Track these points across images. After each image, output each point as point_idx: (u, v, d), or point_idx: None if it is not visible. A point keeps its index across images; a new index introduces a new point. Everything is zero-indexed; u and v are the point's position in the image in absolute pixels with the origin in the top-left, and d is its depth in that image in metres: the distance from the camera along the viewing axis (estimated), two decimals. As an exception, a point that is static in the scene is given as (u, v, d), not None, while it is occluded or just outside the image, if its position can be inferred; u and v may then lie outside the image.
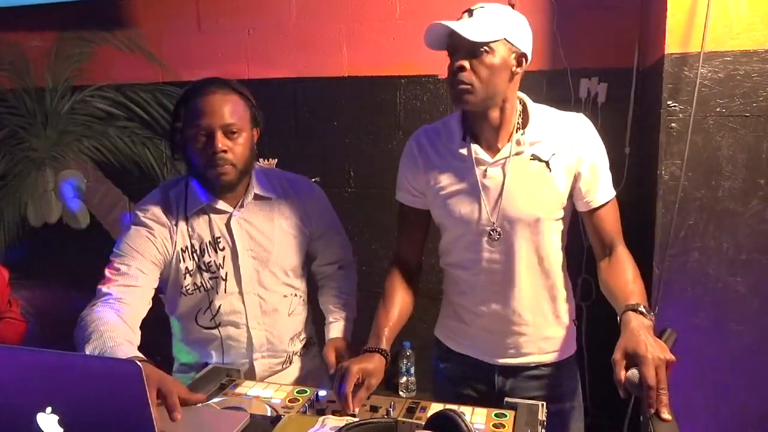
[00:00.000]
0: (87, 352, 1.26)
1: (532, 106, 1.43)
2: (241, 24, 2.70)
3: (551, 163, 1.38)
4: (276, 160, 2.74)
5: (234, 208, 1.54)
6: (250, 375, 1.59)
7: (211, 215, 1.54)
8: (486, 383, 1.52)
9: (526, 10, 2.39)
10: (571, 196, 1.42)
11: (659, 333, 1.23)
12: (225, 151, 1.44)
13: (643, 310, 1.25)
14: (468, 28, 1.30)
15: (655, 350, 1.14)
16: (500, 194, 1.39)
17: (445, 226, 1.49)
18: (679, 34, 1.89)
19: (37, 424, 0.92)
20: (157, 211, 1.53)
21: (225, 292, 1.55)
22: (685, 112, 1.90)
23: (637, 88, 2.31)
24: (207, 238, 1.54)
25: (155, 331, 1.61)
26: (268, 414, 1.21)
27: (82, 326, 1.34)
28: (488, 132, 1.40)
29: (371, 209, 2.70)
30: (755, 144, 1.88)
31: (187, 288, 1.54)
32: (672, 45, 1.90)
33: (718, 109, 1.89)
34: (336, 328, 1.58)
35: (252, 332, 1.58)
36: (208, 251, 1.53)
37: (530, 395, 1.48)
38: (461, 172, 1.43)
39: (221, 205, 1.54)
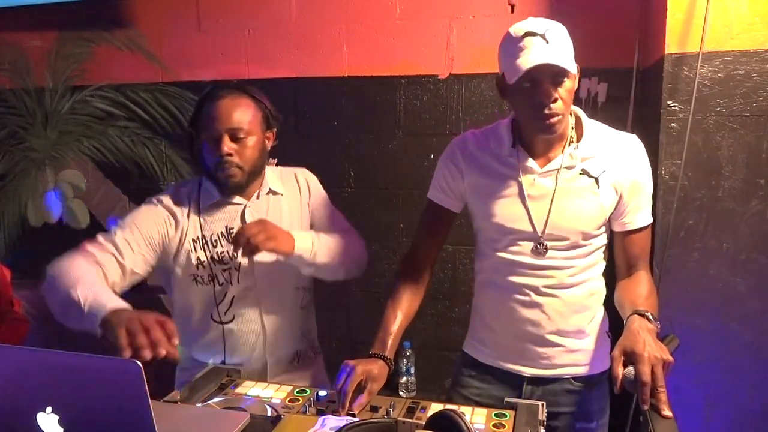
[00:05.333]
0: (76, 296, 1.27)
1: (586, 121, 1.43)
2: (241, 24, 2.70)
3: (600, 180, 1.37)
4: (276, 160, 2.74)
5: (248, 200, 1.59)
6: (262, 372, 1.59)
7: (226, 207, 1.58)
8: (512, 394, 1.47)
9: (526, 11, 2.41)
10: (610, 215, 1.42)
11: (662, 337, 1.24)
12: (230, 155, 1.49)
13: (650, 316, 1.25)
14: (558, 60, 1.26)
15: (653, 350, 1.14)
16: (549, 206, 1.38)
17: (485, 232, 1.48)
18: (679, 34, 1.89)
19: (37, 424, 0.92)
20: (167, 198, 1.59)
21: (239, 282, 1.57)
22: (684, 112, 1.90)
23: (637, 88, 2.31)
24: (220, 229, 1.57)
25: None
26: (268, 414, 1.21)
27: (62, 270, 1.39)
28: (541, 143, 1.39)
29: (371, 209, 2.70)
30: (755, 144, 1.88)
31: (202, 277, 1.56)
32: (672, 45, 1.90)
33: (718, 109, 1.89)
34: (299, 234, 1.52)
35: (266, 323, 1.59)
36: (221, 242, 1.56)
37: (558, 410, 1.47)
38: (507, 179, 1.42)
39: (234, 198, 1.59)
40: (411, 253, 1.57)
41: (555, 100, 1.29)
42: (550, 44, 1.27)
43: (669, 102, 1.92)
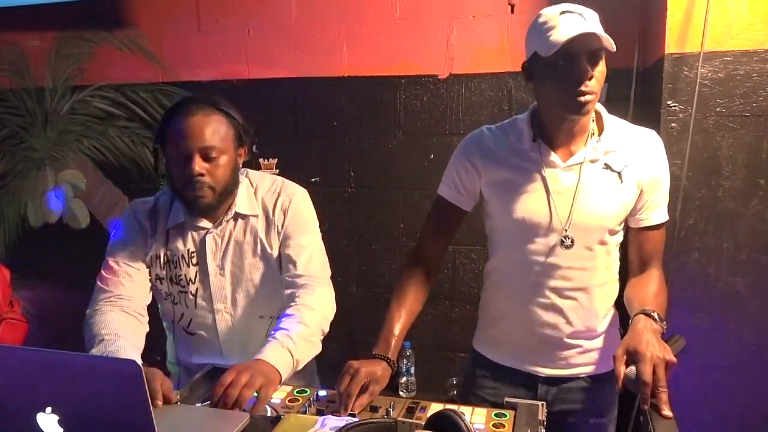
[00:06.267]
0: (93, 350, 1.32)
1: (606, 115, 1.41)
2: (241, 24, 2.70)
3: (623, 175, 1.36)
4: (276, 160, 2.74)
5: (213, 224, 1.52)
6: None
7: (189, 230, 1.53)
8: (527, 394, 1.47)
9: (526, 10, 2.41)
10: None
11: (668, 338, 1.23)
12: (202, 175, 1.41)
13: (656, 317, 1.25)
14: (599, 32, 1.24)
15: (656, 349, 1.14)
16: (573, 200, 1.36)
17: (504, 230, 1.45)
18: (679, 34, 1.89)
19: (37, 424, 0.92)
20: (142, 212, 1.55)
21: (195, 307, 1.54)
22: (685, 112, 1.90)
23: (637, 88, 2.31)
24: (182, 252, 1.52)
25: (155, 331, 1.61)
26: (268, 414, 1.21)
27: (88, 328, 1.40)
28: (564, 136, 1.37)
29: (371, 209, 2.70)
30: (755, 144, 1.88)
31: (160, 292, 1.56)
32: (672, 45, 1.90)
33: (718, 109, 1.89)
34: (271, 349, 1.34)
35: (224, 349, 1.56)
36: (180, 265, 1.53)
37: (572, 408, 1.48)
38: (529, 174, 1.39)
39: (200, 221, 1.52)
40: (417, 250, 1.54)
41: (591, 78, 1.26)
42: (587, 21, 1.25)
43: (669, 102, 1.92)
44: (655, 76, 2.03)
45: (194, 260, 1.53)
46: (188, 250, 1.53)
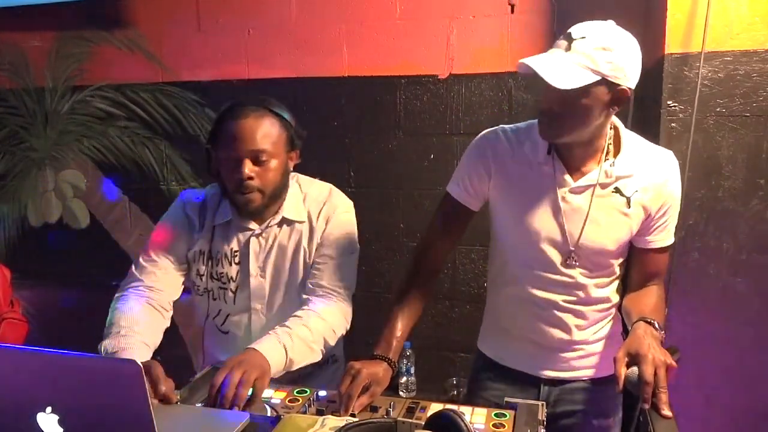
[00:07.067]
0: (102, 347, 1.33)
1: (625, 134, 1.37)
2: (241, 24, 2.70)
3: (632, 200, 1.34)
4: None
5: (259, 226, 1.53)
6: None
7: (235, 230, 1.54)
8: (530, 395, 1.47)
9: (526, 10, 2.40)
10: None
11: (665, 348, 1.24)
12: (252, 178, 1.42)
13: (656, 324, 1.25)
14: (558, 72, 1.18)
15: (657, 353, 1.15)
16: (580, 223, 1.35)
17: (510, 238, 1.44)
18: (679, 34, 1.89)
19: (37, 424, 0.92)
20: (193, 205, 1.56)
21: (234, 304, 1.55)
22: (685, 112, 1.90)
23: (637, 88, 2.30)
24: (225, 250, 1.53)
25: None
26: (268, 414, 1.21)
27: (111, 312, 1.42)
28: (575, 154, 1.34)
29: (371, 209, 2.70)
30: (755, 144, 1.88)
31: (198, 287, 1.57)
32: (672, 45, 1.90)
33: (718, 109, 1.89)
34: (267, 341, 1.34)
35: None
36: (222, 263, 1.53)
37: (576, 408, 1.48)
38: (540, 189, 1.37)
39: (247, 222, 1.53)
40: (421, 250, 1.51)
41: (551, 111, 1.25)
42: (569, 52, 1.20)
43: (669, 102, 1.92)
44: (655, 76, 2.03)
45: (236, 259, 1.53)
46: (231, 249, 1.54)
